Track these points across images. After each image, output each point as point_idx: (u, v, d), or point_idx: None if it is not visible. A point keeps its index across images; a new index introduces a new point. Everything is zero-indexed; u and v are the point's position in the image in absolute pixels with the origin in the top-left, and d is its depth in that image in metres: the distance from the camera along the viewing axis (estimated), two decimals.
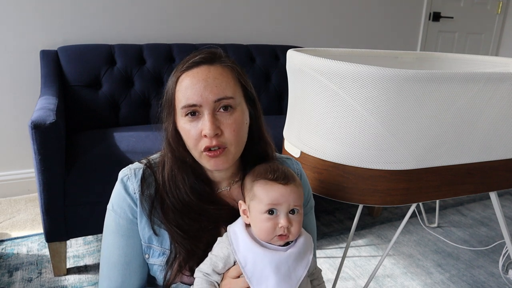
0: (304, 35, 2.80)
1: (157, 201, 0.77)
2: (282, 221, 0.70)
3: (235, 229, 0.74)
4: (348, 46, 3.00)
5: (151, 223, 0.77)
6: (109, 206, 0.80)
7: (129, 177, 0.78)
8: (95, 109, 1.93)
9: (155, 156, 0.83)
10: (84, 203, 1.45)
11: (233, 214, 0.77)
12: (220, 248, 0.73)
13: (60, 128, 1.40)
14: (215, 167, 0.73)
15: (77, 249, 1.69)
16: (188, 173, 0.77)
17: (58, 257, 1.49)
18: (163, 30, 2.32)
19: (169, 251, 0.77)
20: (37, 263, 1.58)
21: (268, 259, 0.69)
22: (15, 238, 1.75)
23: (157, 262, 0.79)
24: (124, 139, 1.67)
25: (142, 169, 0.79)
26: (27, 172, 2.18)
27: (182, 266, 0.76)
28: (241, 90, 0.75)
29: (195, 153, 0.74)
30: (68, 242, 1.72)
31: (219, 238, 0.75)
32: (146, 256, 0.79)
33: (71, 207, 1.44)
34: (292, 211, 0.71)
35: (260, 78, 2.34)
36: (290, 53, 1.21)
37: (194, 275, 0.73)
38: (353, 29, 3.01)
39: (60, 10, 2.06)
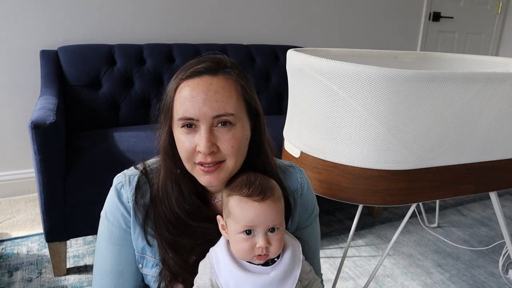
0: (304, 35, 2.80)
1: (151, 211, 0.74)
2: (260, 242, 0.65)
3: (217, 250, 0.70)
4: (348, 46, 3.00)
5: (145, 234, 0.75)
6: (102, 214, 0.78)
7: (123, 184, 0.75)
8: (95, 109, 1.93)
9: (152, 161, 0.80)
10: (84, 203, 1.45)
11: None
12: (204, 273, 0.69)
13: (60, 128, 1.39)
14: (209, 184, 0.70)
15: (77, 249, 1.69)
16: (180, 183, 0.73)
17: (58, 257, 1.49)
18: (163, 30, 2.32)
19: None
20: (37, 263, 1.58)
21: (251, 284, 0.65)
22: (15, 238, 1.74)
23: (150, 273, 0.77)
24: (124, 139, 1.67)
25: (137, 176, 0.76)
26: (27, 172, 2.18)
27: (171, 282, 0.75)
28: (244, 105, 0.71)
29: (188, 166, 0.70)
30: (68, 242, 1.72)
31: (201, 262, 0.71)
32: (140, 265, 0.78)
33: (71, 207, 1.44)
34: (271, 229, 0.66)
35: (260, 78, 2.34)
36: (290, 53, 1.21)
37: None
38: (353, 29, 3.01)
39: (60, 10, 2.06)
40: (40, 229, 1.82)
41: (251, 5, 2.55)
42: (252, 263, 0.68)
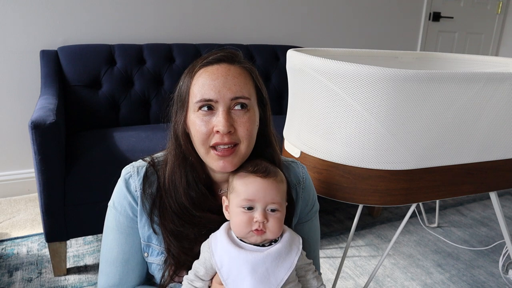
0: (304, 35, 2.80)
1: (158, 200, 0.76)
2: (258, 216, 0.67)
3: (217, 233, 0.72)
4: (348, 46, 3.00)
5: (151, 222, 0.77)
6: (110, 203, 0.80)
7: (131, 174, 0.78)
8: (95, 109, 1.93)
9: (159, 155, 0.82)
10: (84, 203, 1.45)
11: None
12: (202, 253, 0.71)
13: (60, 128, 1.40)
14: (222, 169, 0.71)
15: (77, 249, 1.69)
16: (188, 173, 0.75)
17: (58, 257, 1.49)
18: (163, 30, 2.32)
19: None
20: (37, 263, 1.58)
21: (243, 260, 0.66)
22: (15, 238, 1.75)
23: (155, 261, 0.79)
24: (124, 139, 1.67)
25: (145, 167, 0.79)
26: (27, 172, 2.18)
27: (175, 271, 0.76)
28: (256, 93, 0.75)
29: (202, 150, 0.72)
30: (68, 242, 1.72)
31: (204, 242, 0.73)
32: (145, 254, 0.79)
33: (71, 207, 1.44)
34: (271, 209, 0.69)
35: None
36: (290, 53, 1.21)
37: (182, 283, 0.73)
38: (353, 29, 3.01)
39: (60, 10, 2.06)
40: (40, 229, 1.82)
41: (251, 5, 2.55)
42: (249, 244, 0.69)
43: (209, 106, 0.70)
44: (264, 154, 0.78)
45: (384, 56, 1.64)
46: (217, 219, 0.75)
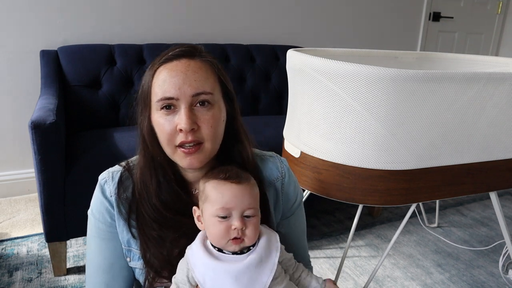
0: (304, 35, 2.80)
1: (134, 205, 0.75)
2: (236, 223, 0.65)
3: (192, 246, 0.70)
4: (348, 46, 3.00)
5: (129, 227, 0.75)
6: (89, 212, 0.79)
7: (106, 180, 0.77)
8: (95, 109, 1.93)
9: (134, 158, 0.80)
10: (84, 203, 1.45)
11: None
12: (181, 270, 0.69)
13: (60, 128, 1.40)
14: (190, 165, 0.70)
15: (77, 249, 1.69)
16: (158, 173, 0.73)
17: (58, 257, 1.49)
18: (163, 30, 2.32)
19: None
20: (37, 263, 1.58)
21: (226, 272, 0.65)
22: (15, 238, 1.74)
23: (137, 266, 0.77)
24: (124, 139, 1.67)
25: (120, 172, 0.77)
26: (27, 172, 2.18)
27: (154, 277, 0.75)
28: (220, 87, 0.72)
29: (168, 150, 0.71)
30: (68, 242, 1.72)
31: (180, 261, 0.71)
32: (128, 259, 0.78)
33: (71, 207, 1.44)
34: (246, 216, 0.67)
35: (260, 78, 2.34)
36: (290, 53, 1.21)
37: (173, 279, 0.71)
38: (353, 29, 3.01)
39: (60, 10, 2.06)
40: (40, 229, 1.82)
41: (251, 5, 2.55)
42: (227, 253, 0.67)
43: (170, 105, 0.68)
44: (232, 150, 0.76)
45: (384, 56, 1.64)
46: (192, 222, 0.72)
